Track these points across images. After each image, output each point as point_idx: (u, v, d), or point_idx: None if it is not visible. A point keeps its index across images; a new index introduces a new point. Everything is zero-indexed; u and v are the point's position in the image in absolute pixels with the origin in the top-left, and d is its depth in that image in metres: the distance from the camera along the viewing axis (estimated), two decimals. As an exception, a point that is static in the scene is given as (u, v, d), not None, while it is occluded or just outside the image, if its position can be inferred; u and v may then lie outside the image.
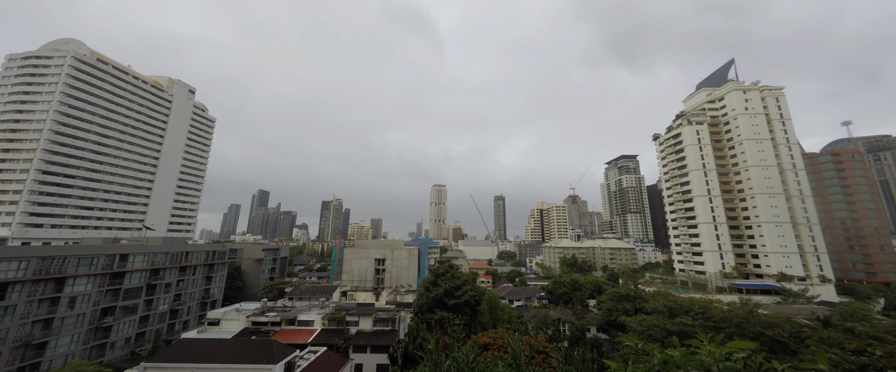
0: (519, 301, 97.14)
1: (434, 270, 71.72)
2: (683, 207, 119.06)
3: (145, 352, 61.52)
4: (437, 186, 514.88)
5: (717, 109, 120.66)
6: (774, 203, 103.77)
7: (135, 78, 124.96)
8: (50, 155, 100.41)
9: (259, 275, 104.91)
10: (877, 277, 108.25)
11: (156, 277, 66.51)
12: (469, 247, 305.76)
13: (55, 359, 50.16)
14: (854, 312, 46.19)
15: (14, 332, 46.62)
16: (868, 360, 29.47)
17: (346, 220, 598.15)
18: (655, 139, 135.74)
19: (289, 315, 55.85)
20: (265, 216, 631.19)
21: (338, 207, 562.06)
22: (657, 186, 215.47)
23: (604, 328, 69.15)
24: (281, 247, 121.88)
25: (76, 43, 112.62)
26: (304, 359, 41.66)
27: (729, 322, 43.85)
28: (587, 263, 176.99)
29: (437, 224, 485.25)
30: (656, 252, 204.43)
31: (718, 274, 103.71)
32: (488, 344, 40.02)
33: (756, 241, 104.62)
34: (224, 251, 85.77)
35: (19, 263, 48.38)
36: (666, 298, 55.58)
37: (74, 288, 53.87)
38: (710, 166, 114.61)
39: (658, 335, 45.77)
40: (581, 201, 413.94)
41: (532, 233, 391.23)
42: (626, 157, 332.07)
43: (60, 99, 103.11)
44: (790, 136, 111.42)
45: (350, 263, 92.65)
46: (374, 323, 54.61)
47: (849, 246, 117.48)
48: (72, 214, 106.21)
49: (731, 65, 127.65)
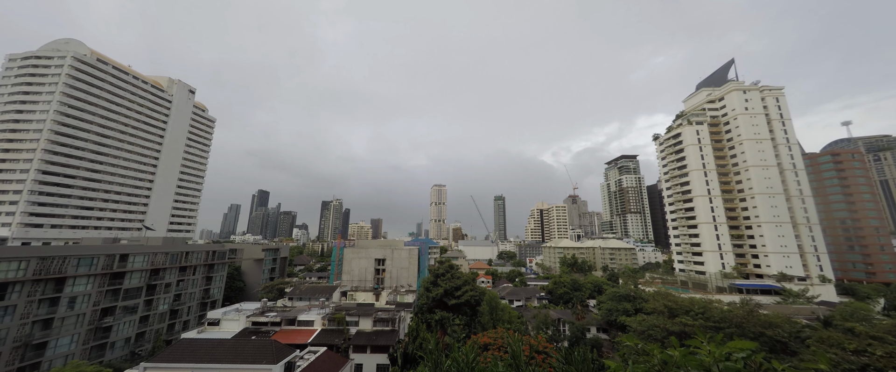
0: (519, 301, 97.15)
1: (434, 270, 71.65)
2: (683, 207, 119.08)
3: (145, 352, 61.55)
4: (437, 186, 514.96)
5: (717, 109, 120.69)
6: (774, 203, 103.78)
7: (135, 78, 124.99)
8: (50, 155, 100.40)
9: (259, 275, 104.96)
10: (877, 277, 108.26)
11: (156, 277, 66.52)
12: (469, 247, 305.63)
13: (55, 359, 50.17)
14: (854, 312, 46.27)
15: (14, 332, 46.63)
16: (868, 360, 29.52)
17: (346, 220, 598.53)
18: (655, 139, 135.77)
19: (289, 315, 55.80)
20: (265, 216, 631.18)
21: (338, 207, 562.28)
22: (657, 186, 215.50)
23: (604, 328, 69.25)
24: (281, 247, 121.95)
25: (76, 43, 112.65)
26: (304, 359, 41.64)
27: (729, 322, 43.94)
28: (587, 263, 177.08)
29: (437, 224, 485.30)
30: (656, 252, 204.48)
31: (718, 274, 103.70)
32: (488, 344, 40.06)
33: (756, 241, 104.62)
34: (224, 251, 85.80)
35: (19, 263, 48.39)
36: (666, 298, 55.64)
37: (74, 288, 53.87)
38: (710, 166, 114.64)
39: (658, 335, 45.83)
40: (581, 201, 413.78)
41: (532, 233, 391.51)
42: (626, 158, 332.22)
43: (60, 99, 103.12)
44: (790, 136, 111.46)
45: (350, 263, 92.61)
46: (374, 323, 54.55)
47: (849, 246, 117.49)
48: (72, 214, 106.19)
49: (731, 65, 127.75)
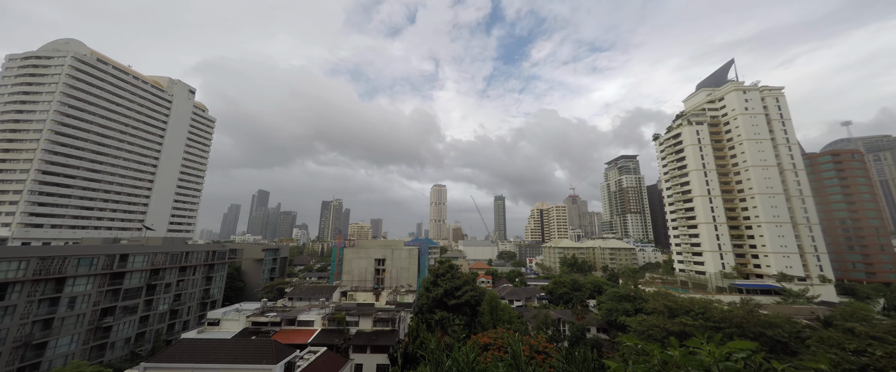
0: (519, 301, 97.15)
1: (434, 271, 71.66)
2: (683, 207, 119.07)
3: (145, 352, 61.52)
4: (438, 186, 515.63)
5: (716, 109, 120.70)
6: (774, 203, 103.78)
7: (135, 78, 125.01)
8: (50, 155, 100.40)
9: (259, 275, 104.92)
10: (877, 277, 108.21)
11: (156, 278, 66.49)
12: (469, 247, 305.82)
13: (55, 359, 50.16)
14: (854, 312, 46.23)
15: (14, 332, 46.61)
16: (868, 360, 29.50)
17: (346, 220, 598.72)
18: (655, 139, 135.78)
19: (289, 315, 55.80)
20: (265, 216, 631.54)
21: (338, 207, 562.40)
22: (657, 186, 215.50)
23: (604, 328, 69.25)
24: (281, 247, 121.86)
25: (76, 43, 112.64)
26: (304, 359, 41.66)
27: (729, 322, 43.94)
28: (587, 263, 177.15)
29: (437, 224, 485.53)
30: (656, 252, 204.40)
31: (718, 274, 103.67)
32: (488, 344, 40.06)
33: (756, 241, 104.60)
34: (224, 251, 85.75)
35: (19, 263, 48.37)
36: (666, 298, 55.59)
37: (74, 288, 53.84)
38: (709, 166, 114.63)
39: (658, 335, 45.83)
40: (581, 201, 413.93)
41: (532, 233, 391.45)
42: (626, 158, 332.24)
43: (60, 99, 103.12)
44: (790, 136, 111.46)
45: (350, 263, 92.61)
46: (374, 323, 54.55)
47: (849, 246, 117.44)
48: (72, 214, 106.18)
49: (731, 65, 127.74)
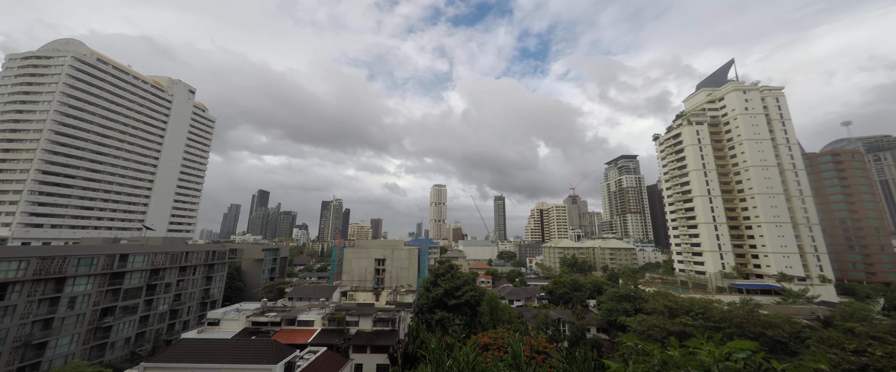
0: (519, 301, 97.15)
1: (434, 271, 71.63)
2: (683, 207, 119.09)
3: (145, 352, 61.52)
4: (438, 185, 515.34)
5: (716, 110, 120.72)
6: (774, 203, 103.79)
7: (135, 78, 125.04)
8: (50, 155, 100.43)
9: (259, 275, 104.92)
10: (877, 277, 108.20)
11: (156, 277, 66.48)
12: (469, 247, 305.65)
13: (55, 359, 50.15)
14: (854, 312, 46.23)
15: (14, 332, 46.60)
16: (868, 360, 29.52)
17: (346, 220, 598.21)
18: (655, 139, 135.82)
19: (289, 315, 55.77)
20: (265, 216, 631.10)
21: (338, 207, 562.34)
22: (657, 186, 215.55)
23: (604, 328, 69.28)
24: (281, 247, 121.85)
25: (76, 43, 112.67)
26: (304, 359, 41.64)
27: (729, 322, 43.97)
28: (587, 263, 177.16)
29: (437, 224, 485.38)
30: (656, 252, 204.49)
31: (718, 274, 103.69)
32: (488, 344, 40.04)
33: (756, 241, 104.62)
34: (224, 251, 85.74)
35: (19, 263, 48.36)
36: (666, 298, 55.62)
37: (74, 288, 53.84)
38: (710, 166, 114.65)
39: (658, 335, 45.83)
40: (581, 201, 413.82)
41: (532, 233, 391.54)
42: (626, 157, 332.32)
43: (60, 99, 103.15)
44: (790, 137, 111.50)
45: (350, 263, 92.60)
46: (374, 323, 54.53)
47: (849, 246, 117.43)
48: (72, 214, 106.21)
49: (731, 65, 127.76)
